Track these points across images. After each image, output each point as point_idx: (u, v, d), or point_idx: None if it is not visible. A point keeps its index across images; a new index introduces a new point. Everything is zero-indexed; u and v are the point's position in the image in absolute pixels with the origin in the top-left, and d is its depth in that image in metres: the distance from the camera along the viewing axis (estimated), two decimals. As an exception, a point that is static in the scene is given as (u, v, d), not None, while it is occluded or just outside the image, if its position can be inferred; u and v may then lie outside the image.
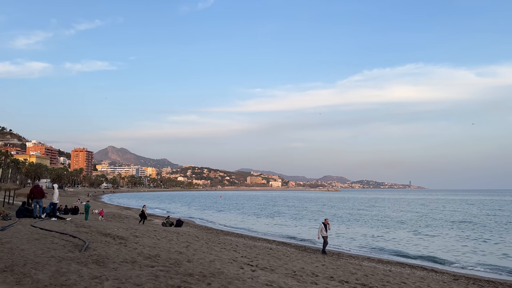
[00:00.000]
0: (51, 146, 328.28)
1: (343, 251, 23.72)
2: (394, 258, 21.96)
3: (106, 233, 15.84)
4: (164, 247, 13.77)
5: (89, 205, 31.43)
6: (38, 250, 10.06)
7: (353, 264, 17.14)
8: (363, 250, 24.68)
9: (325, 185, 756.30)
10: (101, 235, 15.10)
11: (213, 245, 17.34)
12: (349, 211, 69.71)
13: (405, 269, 17.49)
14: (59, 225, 17.39)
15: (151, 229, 24.56)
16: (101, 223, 23.30)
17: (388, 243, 28.48)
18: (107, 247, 11.75)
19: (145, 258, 10.26)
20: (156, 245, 14.24)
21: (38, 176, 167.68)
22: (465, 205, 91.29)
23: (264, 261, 13.48)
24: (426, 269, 18.13)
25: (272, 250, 18.56)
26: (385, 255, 23.19)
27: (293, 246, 24.54)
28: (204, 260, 11.59)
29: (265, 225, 43.10)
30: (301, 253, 19.03)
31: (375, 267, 16.56)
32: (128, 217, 41.78)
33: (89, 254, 9.97)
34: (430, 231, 36.37)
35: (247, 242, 23.62)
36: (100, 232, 15.92)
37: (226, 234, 30.50)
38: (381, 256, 22.47)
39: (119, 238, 14.73)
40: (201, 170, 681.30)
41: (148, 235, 18.60)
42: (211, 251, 14.98)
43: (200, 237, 22.07)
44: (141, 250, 12.09)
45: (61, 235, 13.79)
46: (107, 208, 61.61)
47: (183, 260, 10.85)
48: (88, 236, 14.22)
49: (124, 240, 14.08)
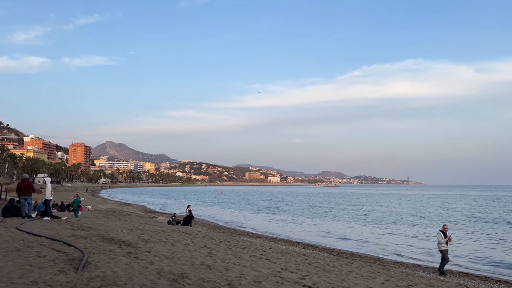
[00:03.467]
0: (49, 141, 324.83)
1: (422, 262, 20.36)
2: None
3: (109, 238, 12.75)
4: (185, 258, 10.72)
5: (79, 199, 27.83)
6: (17, 269, 6.99)
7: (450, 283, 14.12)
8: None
9: (324, 181, 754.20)
10: (103, 240, 12.01)
11: (238, 252, 14.28)
12: (386, 208, 66.16)
13: None
14: (52, 227, 14.27)
15: (159, 229, 21.52)
16: (100, 223, 20.22)
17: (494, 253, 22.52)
18: (113, 261, 8.68)
19: (170, 282, 7.21)
20: (174, 254, 11.18)
21: (35, 170, 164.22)
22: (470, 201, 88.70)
23: (317, 277, 10.43)
24: None
25: (307, 257, 15.51)
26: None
27: (321, 249, 21.56)
28: (246, 279, 8.55)
29: (275, 222, 40.16)
30: (342, 260, 15.98)
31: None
32: (130, 214, 38.72)
33: (90, 275, 6.92)
34: None
35: (271, 245, 20.58)
36: (102, 237, 12.83)
37: (240, 234, 27.46)
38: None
39: (126, 244, 11.66)
40: (199, 166, 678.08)
41: (159, 237, 15.53)
42: (241, 261, 11.94)
43: (216, 239, 19.04)
44: (159, 264, 9.04)
45: (52, 242, 10.72)
46: (106, 204, 58.54)
47: (221, 281, 7.80)
48: (87, 242, 11.14)
49: (133, 248, 11.01)
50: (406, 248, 23.89)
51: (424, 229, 33.53)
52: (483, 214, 50.01)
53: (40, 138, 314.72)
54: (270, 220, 43.07)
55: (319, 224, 38.55)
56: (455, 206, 68.40)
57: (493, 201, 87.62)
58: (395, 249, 23.36)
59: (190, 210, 30.35)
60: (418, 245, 25.01)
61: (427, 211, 56.86)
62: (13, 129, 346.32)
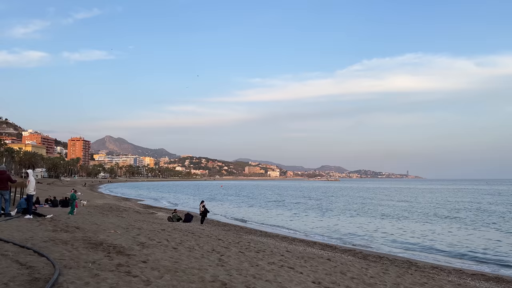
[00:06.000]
0: (47, 135, 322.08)
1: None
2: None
3: (97, 242, 10.35)
4: (192, 270, 8.32)
5: (75, 195, 25.33)
6: None
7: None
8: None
9: (323, 175, 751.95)
10: (89, 246, 9.59)
11: (253, 258, 11.90)
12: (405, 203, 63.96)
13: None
14: (29, 228, 11.84)
15: (158, 227, 19.17)
16: (93, 220, 17.84)
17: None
18: (94, 281, 6.27)
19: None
20: (177, 264, 8.78)
21: (33, 165, 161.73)
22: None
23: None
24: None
25: (334, 262, 13.11)
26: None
27: (341, 250, 19.20)
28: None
29: (279, 218, 37.86)
30: (374, 266, 13.57)
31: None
32: (127, 210, 36.36)
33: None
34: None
35: (286, 245, 18.21)
36: (88, 241, 10.41)
37: (248, 232, 25.08)
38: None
39: (116, 251, 9.25)
40: (199, 160, 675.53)
41: (158, 239, 13.15)
42: (261, 271, 9.55)
43: (224, 240, 16.68)
44: (157, 285, 6.65)
45: (20, 250, 8.30)
46: (104, 199, 56.21)
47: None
48: (66, 250, 8.72)
49: (125, 258, 8.61)
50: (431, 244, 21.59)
51: (432, 226, 31.25)
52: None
53: (38, 132, 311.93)
54: (274, 215, 40.82)
55: (326, 219, 36.26)
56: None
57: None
58: (419, 247, 21.15)
59: (204, 205, 28.10)
60: (441, 240, 22.69)
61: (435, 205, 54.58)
62: (11, 123, 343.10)
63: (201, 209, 28.11)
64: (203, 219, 27.71)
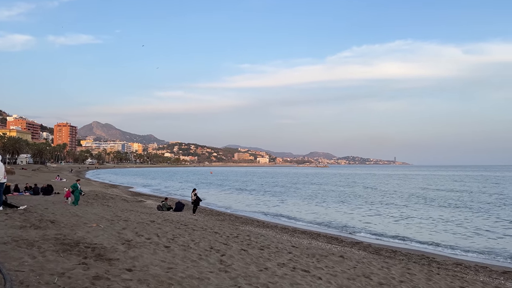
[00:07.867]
0: (33, 120, 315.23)
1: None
2: None
3: (73, 241, 8.51)
4: (190, 280, 6.57)
5: (77, 185, 22.60)
6: None
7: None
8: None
9: (312, 161, 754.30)
10: (60, 248, 7.74)
11: (258, 257, 10.20)
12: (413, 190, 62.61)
13: None
14: (-7, 224, 9.94)
15: (147, 218, 17.37)
16: (74, 211, 15.97)
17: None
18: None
19: None
20: (172, 272, 7.01)
21: (17, 151, 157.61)
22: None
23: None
24: None
25: (348, 260, 11.46)
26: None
27: (348, 243, 17.61)
28: None
29: (271, 204, 36.32)
30: (393, 263, 11.95)
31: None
32: (114, 198, 34.34)
33: None
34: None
35: (288, 238, 16.54)
36: (62, 240, 8.56)
37: (244, 222, 23.41)
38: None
39: (95, 255, 7.45)
40: (188, 146, 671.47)
41: (147, 235, 11.37)
42: (273, 278, 7.84)
43: (220, 232, 14.97)
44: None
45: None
46: (90, 186, 53.91)
47: None
48: (30, 255, 6.88)
49: (106, 263, 6.81)
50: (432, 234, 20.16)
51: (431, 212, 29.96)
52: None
53: (24, 118, 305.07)
54: (266, 202, 39.40)
55: (318, 206, 34.80)
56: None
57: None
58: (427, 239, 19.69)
59: (196, 193, 26.24)
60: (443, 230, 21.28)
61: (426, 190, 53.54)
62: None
63: (193, 198, 26.32)
64: (195, 208, 25.95)
